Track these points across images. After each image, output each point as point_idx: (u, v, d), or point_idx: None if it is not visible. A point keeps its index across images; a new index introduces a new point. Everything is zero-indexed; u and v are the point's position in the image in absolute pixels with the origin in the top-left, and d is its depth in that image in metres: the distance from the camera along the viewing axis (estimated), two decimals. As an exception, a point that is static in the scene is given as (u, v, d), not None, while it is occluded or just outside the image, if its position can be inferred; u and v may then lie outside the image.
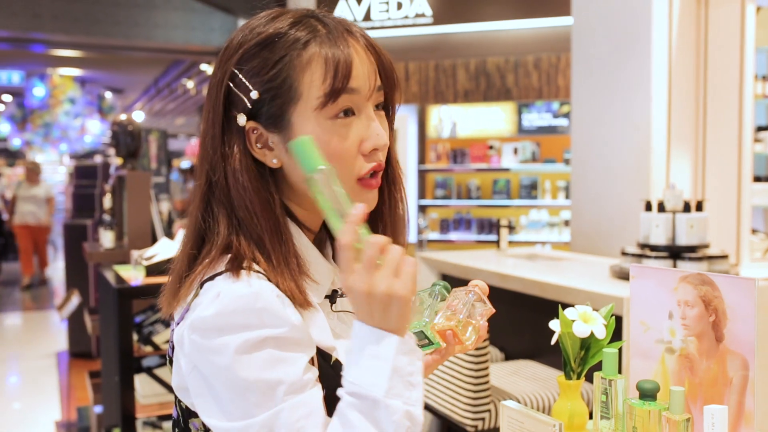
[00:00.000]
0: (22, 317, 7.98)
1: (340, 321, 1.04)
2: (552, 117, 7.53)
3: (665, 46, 3.84)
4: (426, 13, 7.59)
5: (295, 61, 0.92)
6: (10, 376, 5.61)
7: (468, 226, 7.81)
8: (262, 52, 0.93)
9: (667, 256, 2.72)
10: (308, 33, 0.94)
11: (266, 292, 0.87)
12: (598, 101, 4.17)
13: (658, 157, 3.83)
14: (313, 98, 0.92)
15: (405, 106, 7.90)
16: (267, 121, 0.94)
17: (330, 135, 0.93)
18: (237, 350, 0.84)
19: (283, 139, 0.94)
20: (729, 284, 1.10)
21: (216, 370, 0.85)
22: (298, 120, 0.93)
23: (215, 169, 0.95)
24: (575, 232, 4.33)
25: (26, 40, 8.71)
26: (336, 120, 0.93)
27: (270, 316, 0.86)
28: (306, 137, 0.88)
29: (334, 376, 0.93)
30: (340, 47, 0.93)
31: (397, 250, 0.82)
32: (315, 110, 0.92)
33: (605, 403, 1.21)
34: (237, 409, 0.85)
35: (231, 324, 0.85)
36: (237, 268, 0.89)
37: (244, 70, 0.93)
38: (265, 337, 0.85)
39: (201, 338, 0.86)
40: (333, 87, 0.92)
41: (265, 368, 0.84)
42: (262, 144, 0.95)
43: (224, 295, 0.86)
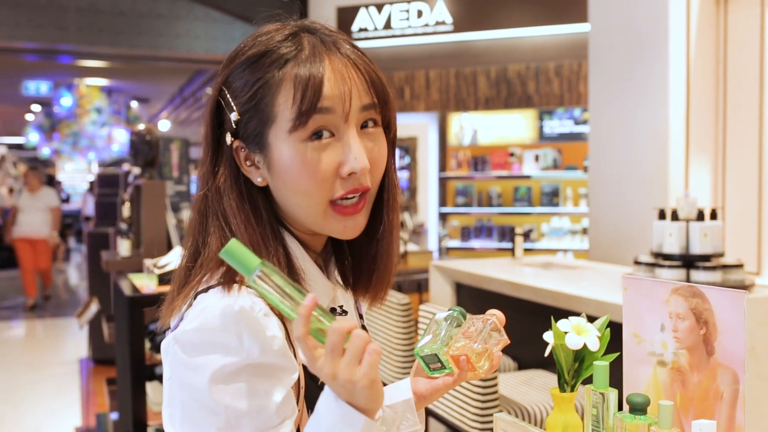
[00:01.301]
0: (49, 324, 8.10)
1: None
2: (573, 124, 7.48)
3: (683, 51, 3.80)
4: (446, 21, 7.59)
5: (270, 82, 0.92)
6: (34, 382, 5.68)
7: (489, 233, 7.78)
8: (245, 72, 0.93)
9: (680, 266, 2.68)
10: (289, 52, 0.93)
11: (250, 312, 0.86)
12: (615, 108, 4.13)
13: (676, 164, 3.78)
14: (285, 120, 0.91)
15: (426, 113, 7.90)
16: (249, 141, 0.94)
17: (302, 158, 0.91)
18: (213, 376, 0.83)
19: (266, 159, 0.94)
20: (719, 296, 1.08)
21: (189, 386, 0.85)
22: (274, 142, 0.92)
23: (208, 182, 0.96)
24: (593, 240, 4.29)
25: (53, 51, 8.86)
26: (309, 142, 0.91)
27: (249, 340, 0.84)
28: (230, 243, 0.81)
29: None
30: (313, 66, 0.91)
31: (360, 338, 0.79)
32: (288, 132, 0.91)
33: (596, 416, 1.19)
34: (204, 423, 0.84)
35: (210, 342, 0.84)
36: (230, 282, 0.88)
37: (230, 89, 0.94)
38: (244, 365, 0.84)
39: (181, 351, 0.86)
40: (300, 109, 0.90)
41: (238, 398, 0.83)
42: (251, 162, 0.95)
43: (209, 311, 0.86)
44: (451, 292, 3.78)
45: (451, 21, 7.58)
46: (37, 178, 8.94)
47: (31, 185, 8.91)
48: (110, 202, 6.39)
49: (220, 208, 0.95)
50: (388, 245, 1.04)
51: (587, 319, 1.32)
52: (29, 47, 8.47)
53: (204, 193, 0.97)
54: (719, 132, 3.89)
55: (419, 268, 5.46)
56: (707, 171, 3.86)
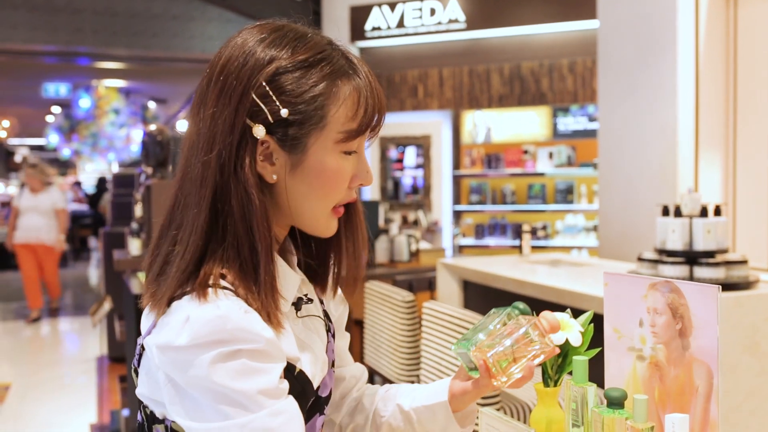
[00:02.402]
0: (70, 321, 8.21)
1: (305, 327, 1.06)
2: (588, 121, 7.45)
3: (692, 47, 3.78)
4: (459, 19, 7.59)
5: (331, 91, 0.95)
6: (53, 379, 5.77)
7: (503, 231, 7.77)
8: (298, 72, 0.94)
9: (683, 262, 2.67)
10: (341, 66, 0.97)
11: (234, 312, 0.88)
12: (624, 105, 4.11)
13: (686, 161, 3.76)
14: (335, 131, 0.95)
15: (439, 111, 7.90)
16: (284, 140, 0.94)
17: (338, 166, 0.97)
18: (212, 361, 0.85)
19: (293, 159, 0.95)
20: (693, 292, 1.09)
21: (193, 380, 0.87)
22: (315, 146, 0.95)
23: (224, 173, 0.93)
24: (603, 237, 4.28)
25: (71, 53, 8.98)
26: (344, 154, 0.98)
27: (243, 333, 0.87)
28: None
29: (296, 385, 0.96)
30: (370, 91, 0.98)
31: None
32: (335, 142, 0.96)
33: (575, 410, 1.20)
34: (214, 412, 0.87)
35: (205, 344, 0.86)
36: (204, 287, 0.90)
37: (274, 86, 0.93)
38: (240, 349, 0.87)
39: (174, 358, 0.88)
40: (358, 128, 0.97)
41: (240, 377, 0.86)
42: (265, 157, 0.96)
43: (194, 321, 0.87)
44: (458, 290, 3.80)
45: (464, 19, 7.58)
46: (37, 177, 7.95)
47: (32, 185, 7.98)
48: (125, 202, 6.46)
49: (228, 201, 0.93)
50: (358, 241, 1.10)
51: (572, 315, 1.34)
52: (47, 50, 8.59)
53: (223, 186, 0.93)
54: (729, 128, 3.87)
55: (431, 266, 5.47)
56: (717, 168, 3.84)
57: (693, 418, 1.09)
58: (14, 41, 8.12)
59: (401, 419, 1.19)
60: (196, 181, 0.94)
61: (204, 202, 0.93)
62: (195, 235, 0.93)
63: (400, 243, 5.69)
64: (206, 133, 0.94)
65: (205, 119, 0.95)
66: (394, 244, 5.71)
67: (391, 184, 8.16)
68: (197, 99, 0.98)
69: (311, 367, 1.01)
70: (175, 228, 0.97)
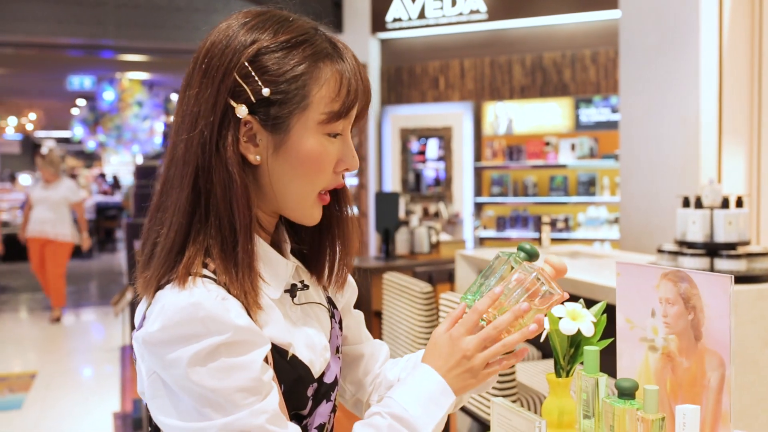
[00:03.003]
0: (96, 311, 8.31)
1: (303, 313, 1.06)
2: (610, 112, 7.38)
3: (715, 36, 3.73)
4: (480, 9, 7.54)
5: (313, 72, 0.95)
6: (78, 367, 5.86)
7: (525, 223, 7.72)
8: (280, 53, 0.94)
9: (704, 254, 2.64)
10: (324, 48, 0.97)
11: (207, 300, 0.88)
12: (646, 95, 4.07)
13: (708, 152, 3.71)
14: (318, 112, 0.96)
15: (460, 103, 7.87)
16: (267, 120, 0.95)
17: (321, 147, 0.97)
18: (189, 362, 0.86)
19: (275, 140, 0.96)
20: (706, 281, 1.07)
21: (174, 379, 0.88)
22: (298, 127, 0.96)
23: (205, 153, 0.94)
24: (624, 229, 4.25)
25: (95, 46, 9.06)
26: (328, 136, 0.98)
27: (214, 323, 0.88)
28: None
29: (290, 371, 0.96)
30: (353, 74, 0.98)
31: (495, 329, 1.03)
32: (318, 123, 0.96)
33: (586, 401, 1.20)
34: (195, 412, 0.88)
35: (178, 336, 0.87)
36: (185, 275, 0.91)
37: (257, 66, 0.93)
38: (216, 345, 0.87)
39: (154, 353, 0.89)
40: (340, 110, 0.97)
41: (220, 377, 0.87)
42: (248, 138, 0.96)
43: (167, 309, 0.88)
44: (477, 281, 3.78)
45: (486, 9, 7.53)
46: (48, 168, 7.42)
47: (44, 176, 7.50)
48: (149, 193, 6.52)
49: (210, 181, 0.93)
50: (349, 230, 1.10)
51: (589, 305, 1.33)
52: (71, 43, 8.67)
53: (205, 166, 0.94)
54: (754, 118, 3.81)
55: (451, 257, 5.46)
56: (741, 158, 3.78)
57: (705, 410, 1.08)
58: (39, 34, 8.21)
59: None
60: (180, 160, 0.95)
61: (186, 181, 0.94)
62: (178, 215, 0.94)
63: (421, 235, 5.69)
64: (190, 113, 0.96)
65: (189, 100, 0.96)
66: (414, 235, 5.71)
67: (412, 176, 8.14)
68: (184, 82, 0.99)
69: (308, 352, 1.02)
70: (163, 210, 0.97)
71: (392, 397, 0.99)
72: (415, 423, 0.96)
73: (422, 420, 0.97)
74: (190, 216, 0.94)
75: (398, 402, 0.98)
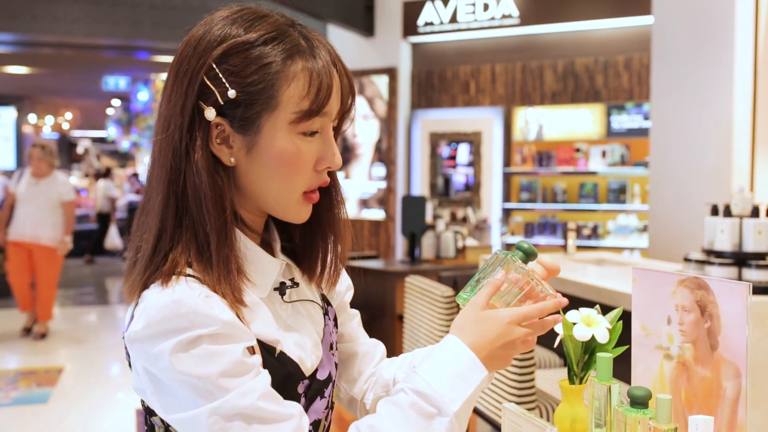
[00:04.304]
0: (123, 308, 8.42)
1: (294, 312, 1.05)
2: (643, 119, 7.28)
3: (750, 42, 3.65)
4: (513, 14, 7.49)
5: (280, 71, 0.93)
6: (103, 363, 5.93)
7: (553, 230, 7.65)
8: (247, 53, 0.93)
9: (732, 263, 2.58)
10: (294, 45, 0.95)
11: (190, 297, 0.88)
12: (677, 101, 4.00)
13: (741, 160, 3.64)
14: (289, 111, 0.93)
15: (491, 108, 7.82)
16: (236, 121, 0.94)
17: (294, 148, 0.95)
18: (172, 351, 0.86)
19: (247, 141, 0.94)
20: (723, 289, 1.04)
21: (162, 372, 0.88)
22: (268, 127, 0.94)
23: (176, 155, 0.93)
24: (653, 237, 4.18)
25: (131, 47, 9.19)
26: (302, 136, 0.95)
27: (198, 317, 0.87)
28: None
29: (279, 368, 0.95)
30: (325, 70, 0.95)
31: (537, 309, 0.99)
32: (289, 123, 0.94)
33: (599, 409, 1.17)
34: (187, 401, 0.88)
35: (162, 331, 0.87)
36: (169, 275, 0.91)
37: (223, 67, 0.92)
38: (199, 335, 0.87)
39: (140, 349, 0.89)
40: (311, 108, 0.94)
41: (203, 363, 0.86)
42: (222, 140, 0.95)
43: (150, 307, 0.88)
44: (500, 287, 3.75)
45: (518, 14, 7.48)
46: (47, 159, 6.31)
47: (36, 168, 6.31)
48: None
49: (183, 184, 0.93)
50: (341, 229, 1.09)
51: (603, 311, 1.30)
52: (107, 43, 8.80)
53: (176, 168, 0.93)
54: (789, 126, 3.72)
55: (477, 263, 5.43)
56: (774, 167, 3.70)
57: (720, 421, 1.05)
58: (76, 35, 8.34)
59: None
60: (156, 164, 0.96)
61: (161, 184, 0.94)
62: (156, 218, 0.94)
63: (447, 239, 5.66)
64: (163, 115, 0.96)
65: (163, 102, 0.96)
66: (440, 240, 5.68)
67: (441, 181, 8.11)
68: (164, 83, 0.99)
69: (297, 349, 1.00)
70: (146, 213, 0.98)
71: (417, 372, 0.93)
72: (440, 400, 0.90)
73: (448, 397, 0.90)
74: (167, 220, 0.94)
75: (422, 377, 0.91)
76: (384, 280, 5.05)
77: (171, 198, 0.94)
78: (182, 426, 0.89)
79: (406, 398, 0.90)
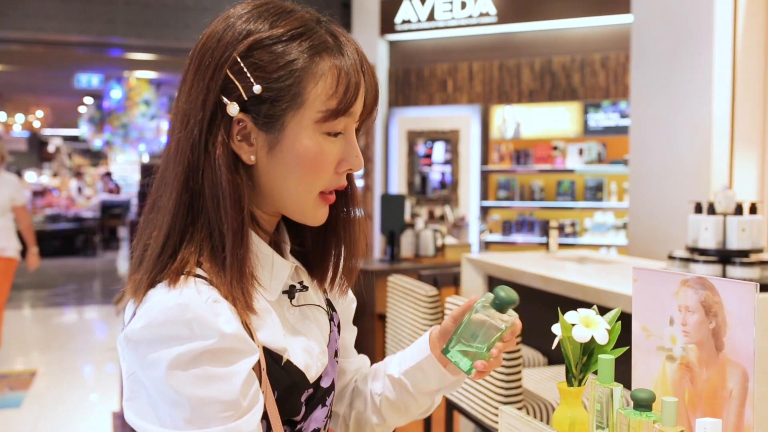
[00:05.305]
0: (100, 310, 8.29)
1: (302, 316, 1.02)
2: (619, 117, 7.32)
3: (729, 42, 3.67)
4: (490, 13, 7.50)
5: (308, 68, 0.90)
6: (77, 367, 5.83)
7: (531, 228, 7.67)
8: (274, 47, 0.89)
9: (716, 261, 2.58)
10: (322, 42, 0.92)
11: (196, 302, 0.84)
12: (657, 100, 4.02)
13: (720, 159, 3.66)
14: (315, 110, 0.90)
15: (468, 106, 7.82)
16: (260, 118, 0.90)
17: (318, 147, 0.92)
18: (170, 365, 0.82)
19: (270, 139, 0.91)
20: (728, 289, 1.02)
21: (152, 381, 0.84)
22: (293, 125, 0.91)
23: (195, 151, 0.90)
24: (633, 235, 4.19)
25: (104, 44, 9.03)
26: (327, 135, 0.92)
27: (200, 327, 0.83)
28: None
29: (285, 376, 0.92)
30: (353, 69, 0.92)
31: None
32: (314, 122, 0.91)
33: (600, 411, 1.15)
34: (169, 419, 0.83)
35: (161, 336, 0.83)
36: (177, 274, 0.87)
37: (249, 61, 0.89)
38: (200, 351, 0.82)
39: (135, 350, 0.85)
40: (338, 107, 0.91)
41: (199, 385, 0.82)
42: (243, 137, 0.92)
43: (153, 307, 0.84)
44: (483, 285, 3.74)
45: (495, 12, 7.49)
46: None
47: None
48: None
49: (200, 181, 0.90)
50: (355, 233, 1.06)
51: (600, 312, 1.28)
52: (80, 40, 8.65)
53: (194, 165, 0.90)
54: (767, 125, 3.75)
55: (456, 261, 5.41)
56: (753, 165, 3.73)
57: (726, 423, 1.03)
58: (48, 31, 8.19)
59: (396, 389, 1.15)
60: (173, 159, 0.92)
61: (177, 181, 0.90)
62: (168, 216, 0.90)
63: (426, 238, 5.64)
64: (183, 109, 0.92)
65: (182, 96, 0.92)
66: (419, 238, 5.66)
67: (418, 179, 8.10)
68: (182, 77, 0.95)
69: (304, 356, 0.97)
70: (156, 210, 0.94)
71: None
72: None
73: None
74: (180, 218, 0.90)
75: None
76: (363, 279, 5.01)
77: (186, 195, 0.90)
78: None
79: None
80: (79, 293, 9.43)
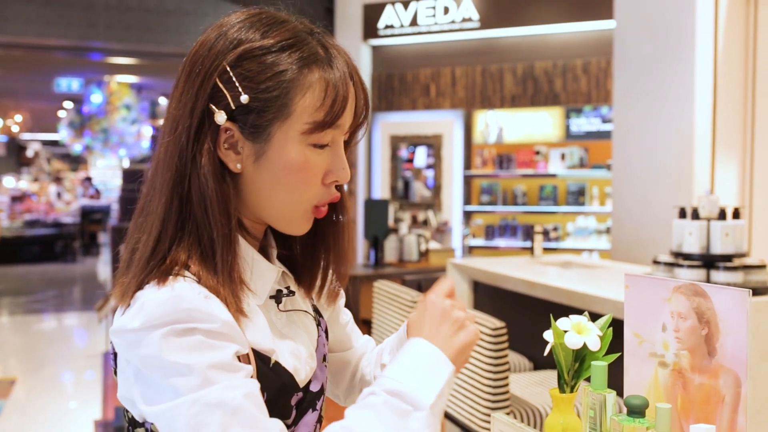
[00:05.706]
0: (79, 317, 8.20)
1: (289, 320, 1.03)
2: (601, 122, 7.37)
3: (710, 48, 3.71)
4: (473, 18, 7.52)
5: (296, 79, 0.90)
6: (57, 374, 5.75)
7: (514, 232, 7.70)
8: (263, 58, 0.90)
9: (700, 266, 2.60)
10: (312, 54, 0.92)
11: (190, 294, 0.85)
12: (639, 105, 4.05)
13: (702, 163, 3.69)
14: (302, 122, 0.91)
15: (451, 111, 7.84)
16: (246, 127, 0.91)
17: (304, 159, 0.92)
18: (163, 335, 0.82)
19: (256, 149, 0.92)
20: (721, 295, 1.03)
21: (146, 359, 0.84)
22: (279, 136, 0.91)
23: (182, 158, 0.91)
24: (616, 239, 4.22)
25: (84, 48, 8.97)
26: (314, 147, 0.93)
27: (198, 314, 0.84)
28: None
29: (274, 378, 0.92)
30: (342, 81, 0.93)
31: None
32: (301, 133, 0.91)
33: (593, 418, 1.15)
34: (166, 391, 0.83)
35: (159, 324, 0.83)
36: (166, 274, 0.87)
37: (238, 71, 0.90)
38: (195, 326, 0.83)
39: (132, 340, 0.85)
40: (324, 119, 0.91)
41: (192, 351, 0.82)
42: (230, 146, 0.92)
43: (147, 304, 0.85)
44: (468, 291, 3.74)
45: (478, 18, 7.51)
46: None
47: None
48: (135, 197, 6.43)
49: (188, 188, 0.91)
50: (345, 241, 1.06)
51: (590, 318, 1.28)
52: (60, 44, 8.58)
53: (181, 171, 0.91)
54: (747, 130, 3.79)
55: (440, 266, 5.42)
56: (734, 170, 3.77)
57: (719, 429, 1.04)
58: (27, 35, 8.11)
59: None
60: (162, 165, 0.93)
61: (166, 186, 0.91)
62: (157, 221, 0.91)
63: (410, 243, 5.64)
64: (172, 115, 0.93)
65: (173, 102, 0.93)
66: (403, 243, 5.66)
67: (401, 184, 8.10)
68: (174, 83, 0.96)
69: (293, 359, 0.98)
70: (145, 214, 0.94)
71: (384, 375, 0.89)
72: (413, 395, 0.86)
73: (421, 392, 0.86)
74: (169, 223, 0.91)
75: (390, 377, 0.88)
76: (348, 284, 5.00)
77: (175, 201, 0.91)
78: (161, 419, 0.83)
79: (377, 399, 0.86)
80: (59, 300, 9.31)
